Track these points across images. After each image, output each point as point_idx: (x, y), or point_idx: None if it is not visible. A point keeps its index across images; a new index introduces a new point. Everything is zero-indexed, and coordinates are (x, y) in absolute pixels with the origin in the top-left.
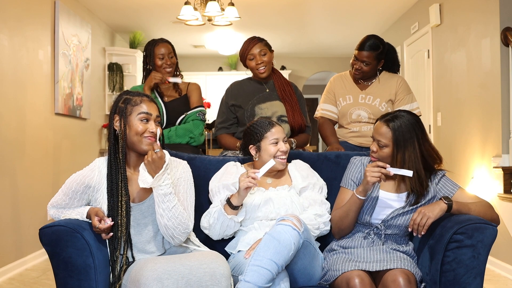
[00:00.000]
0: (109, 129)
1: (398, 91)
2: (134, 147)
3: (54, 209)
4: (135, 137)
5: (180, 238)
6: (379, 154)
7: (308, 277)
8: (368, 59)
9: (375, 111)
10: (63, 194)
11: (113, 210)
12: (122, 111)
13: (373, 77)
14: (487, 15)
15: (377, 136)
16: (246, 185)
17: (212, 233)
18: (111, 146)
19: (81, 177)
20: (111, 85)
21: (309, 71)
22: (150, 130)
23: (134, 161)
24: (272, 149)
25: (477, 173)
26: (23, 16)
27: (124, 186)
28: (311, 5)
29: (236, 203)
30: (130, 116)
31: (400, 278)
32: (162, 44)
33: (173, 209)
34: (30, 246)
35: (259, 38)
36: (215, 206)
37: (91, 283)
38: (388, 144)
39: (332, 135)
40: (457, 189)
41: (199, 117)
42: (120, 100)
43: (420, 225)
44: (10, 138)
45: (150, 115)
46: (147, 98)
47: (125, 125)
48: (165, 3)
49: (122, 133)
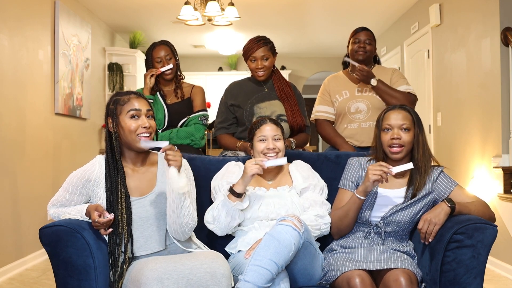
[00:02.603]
0: (106, 131)
1: (392, 76)
2: (129, 145)
3: (54, 208)
4: (129, 136)
5: (189, 233)
6: (404, 139)
7: (308, 277)
8: (368, 37)
9: (373, 101)
10: (63, 190)
11: (113, 207)
12: (112, 112)
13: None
14: (487, 15)
15: (399, 121)
16: (252, 172)
17: (217, 227)
18: (107, 147)
19: (82, 172)
20: (111, 85)
21: (309, 71)
22: (143, 125)
23: (133, 158)
24: (259, 146)
25: (477, 173)
26: (23, 16)
27: (122, 182)
28: (311, 5)
29: (240, 190)
30: (121, 115)
31: (401, 278)
32: (159, 47)
33: (188, 206)
34: (30, 246)
35: (265, 41)
36: (219, 200)
37: (91, 283)
38: (410, 127)
39: (337, 135)
40: (454, 186)
41: (201, 121)
42: (110, 102)
43: (428, 233)
44: (10, 138)
45: (139, 111)
46: (135, 94)
47: (117, 126)
48: (165, 3)
49: (115, 134)
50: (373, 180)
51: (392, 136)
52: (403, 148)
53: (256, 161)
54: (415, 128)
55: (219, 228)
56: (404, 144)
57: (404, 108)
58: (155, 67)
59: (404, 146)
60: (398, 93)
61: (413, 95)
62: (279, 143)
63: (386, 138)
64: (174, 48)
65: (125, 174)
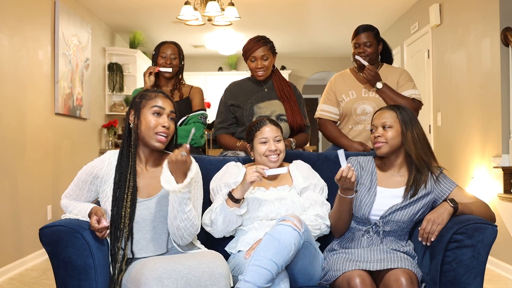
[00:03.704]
0: (125, 124)
1: (399, 78)
2: (145, 141)
3: (66, 199)
4: (147, 131)
5: (188, 239)
6: (386, 136)
7: (308, 277)
8: (369, 39)
9: (380, 103)
10: (74, 185)
11: (118, 201)
12: (137, 105)
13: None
14: (487, 15)
15: (380, 120)
16: (252, 179)
17: (215, 230)
18: (124, 139)
19: (90, 168)
20: (111, 85)
21: (309, 71)
22: (162, 124)
23: (146, 156)
24: (260, 148)
25: (477, 173)
26: (23, 16)
27: (132, 178)
28: (311, 5)
29: (238, 196)
30: (144, 109)
31: (402, 278)
32: (168, 44)
33: (188, 212)
34: (30, 246)
35: (265, 41)
36: (217, 202)
37: (91, 283)
38: (393, 125)
39: (341, 136)
40: (454, 186)
41: (200, 120)
42: (137, 96)
43: (431, 232)
44: (10, 138)
45: (163, 109)
46: (163, 94)
47: (138, 118)
48: (165, 3)
49: (135, 126)
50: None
51: (374, 135)
52: (385, 144)
53: (257, 169)
54: (400, 126)
55: (217, 231)
56: (385, 140)
57: (389, 108)
58: (158, 61)
59: (386, 142)
60: (401, 99)
61: (417, 102)
62: (280, 144)
63: (372, 137)
64: (182, 51)
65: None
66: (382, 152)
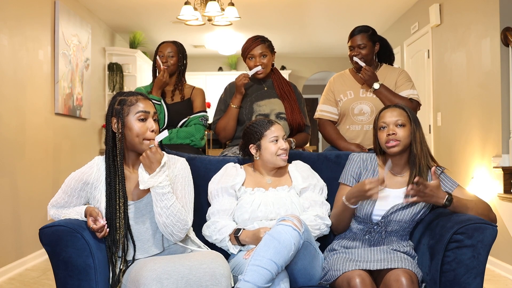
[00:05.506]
0: (106, 132)
1: (398, 78)
2: (134, 148)
3: (54, 209)
4: (136, 138)
5: (179, 235)
6: (400, 135)
7: (308, 277)
8: (362, 41)
9: (377, 104)
10: (62, 192)
11: (111, 212)
12: (118, 112)
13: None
14: (487, 15)
15: (393, 118)
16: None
17: (213, 242)
18: (109, 148)
19: (80, 174)
20: (111, 85)
21: (309, 71)
22: (150, 129)
23: (133, 159)
24: (272, 148)
25: (477, 173)
26: (23, 16)
27: (122, 188)
28: (311, 5)
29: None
30: (128, 116)
31: (403, 278)
32: (167, 43)
33: (171, 207)
34: (30, 246)
35: (263, 39)
36: (223, 227)
37: (91, 283)
38: (405, 123)
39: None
40: (455, 186)
41: (201, 122)
42: (115, 102)
43: (412, 194)
44: (10, 139)
45: (148, 113)
46: (142, 96)
47: (124, 127)
48: (165, 3)
49: (120, 135)
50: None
51: (387, 133)
52: (399, 143)
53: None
54: (411, 124)
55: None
56: (400, 139)
57: (399, 106)
58: (156, 61)
59: (400, 141)
60: (399, 99)
61: (415, 102)
62: (287, 143)
63: (383, 136)
64: (182, 51)
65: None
66: (395, 151)
